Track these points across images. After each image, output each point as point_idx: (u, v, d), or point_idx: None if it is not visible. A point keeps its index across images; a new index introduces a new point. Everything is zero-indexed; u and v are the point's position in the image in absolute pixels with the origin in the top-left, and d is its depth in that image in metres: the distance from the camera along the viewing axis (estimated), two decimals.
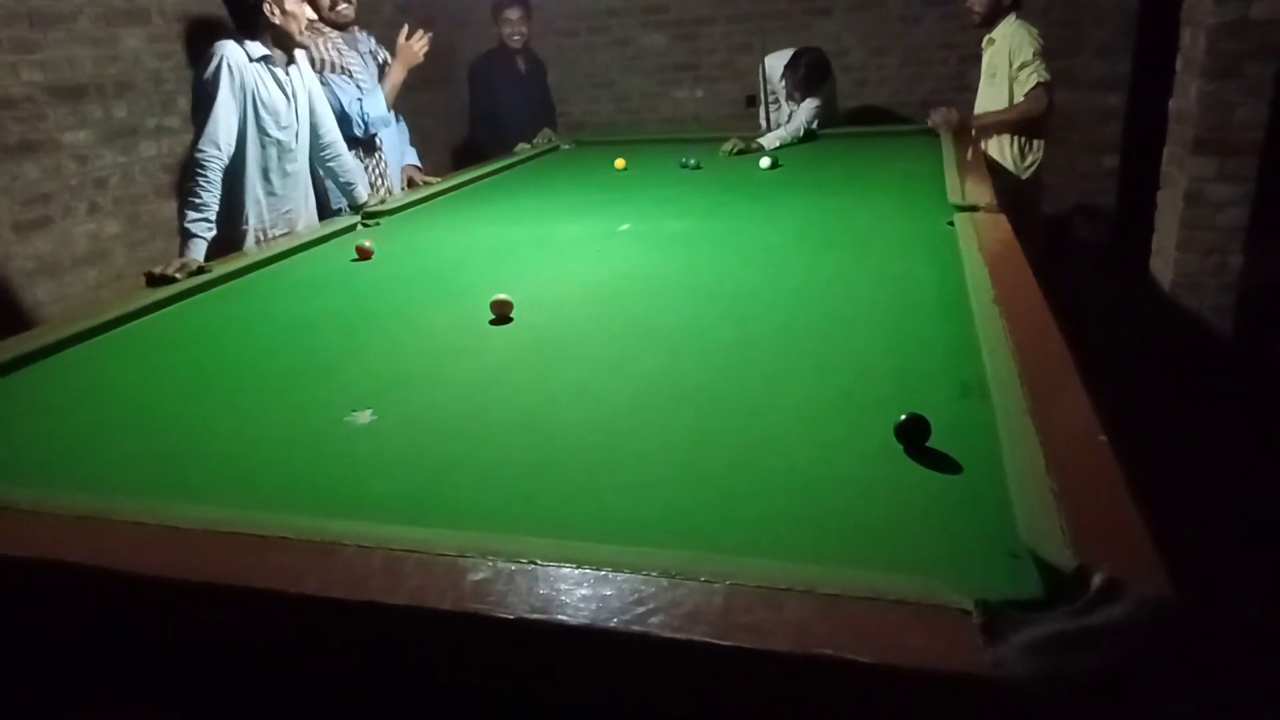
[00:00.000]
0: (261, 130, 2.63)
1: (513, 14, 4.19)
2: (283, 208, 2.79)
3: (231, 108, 2.52)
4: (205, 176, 2.47)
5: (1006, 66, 3.52)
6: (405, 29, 3.38)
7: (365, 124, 3.29)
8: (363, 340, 1.84)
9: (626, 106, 5.59)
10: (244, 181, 2.65)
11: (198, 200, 2.46)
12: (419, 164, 3.79)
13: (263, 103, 2.60)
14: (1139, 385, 3.16)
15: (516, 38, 4.24)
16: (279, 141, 2.69)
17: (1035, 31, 3.48)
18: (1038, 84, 3.47)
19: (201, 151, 2.48)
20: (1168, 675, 0.73)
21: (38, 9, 3.21)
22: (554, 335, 1.78)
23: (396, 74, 3.40)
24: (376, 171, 3.50)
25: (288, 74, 2.70)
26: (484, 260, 2.45)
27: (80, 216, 3.41)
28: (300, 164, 2.83)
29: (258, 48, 2.58)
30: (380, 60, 3.50)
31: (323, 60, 3.23)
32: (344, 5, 3.31)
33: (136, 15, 3.59)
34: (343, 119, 3.25)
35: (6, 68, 3.12)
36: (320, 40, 3.26)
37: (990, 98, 3.64)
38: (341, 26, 3.35)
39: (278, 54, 2.65)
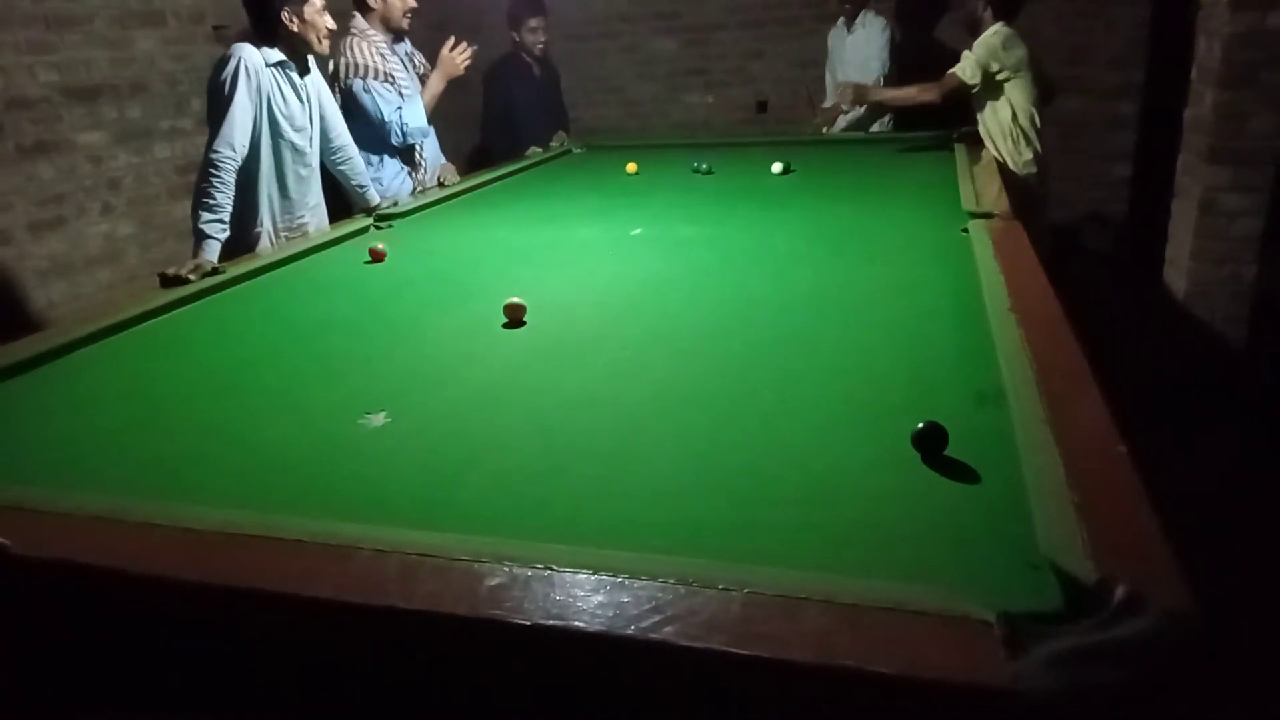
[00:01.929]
0: (276, 133, 2.64)
1: (535, 22, 4.22)
2: (296, 210, 2.80)
3: (247, 110, 2.53)
4: (219, 177, 2.48)
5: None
6: (451, 40, 3.39)
7: (404, 134, 3.29)
8: (376, 343, 1.84)
9: (637, 111, 5.59)
10: (258, 184, 2.66)
11: (212, 201, 2.47)
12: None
13: (278, 106, 2.61)
14: (1153, 394, 3.13)
15: (540, 46, 4.27)
16: (294, 145, 2.70)
17: (998, 44, 3.44)
18: (953, 73, 3.52)
19: (216, 153, 2.49)
20: (1189, 689, 0.72)
21: (54, 11, 3.23)
22: (567, 339, 1.77)
23: (436, 84, 3.40)
24: (416, 179, 3.51)
25: (302, 79, 2.71)
26: (497, 264, 2.45)
27: (94, 217, 3.43)
28: (314, 167, 2.84)
29: (274, 53, 2.59)
30: (417, 65, 3.50)
31: (364, 65, 3.22)
32: (409, 15, 3.34)
33: (151, 18, 3.61)
34: (382, 128, 3.25)
35: (23, 69, 3.14)
36: (364, 45, 3.25)
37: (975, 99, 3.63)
38: (401, 35, 3.38)
39: (293, 60, 2.65)
